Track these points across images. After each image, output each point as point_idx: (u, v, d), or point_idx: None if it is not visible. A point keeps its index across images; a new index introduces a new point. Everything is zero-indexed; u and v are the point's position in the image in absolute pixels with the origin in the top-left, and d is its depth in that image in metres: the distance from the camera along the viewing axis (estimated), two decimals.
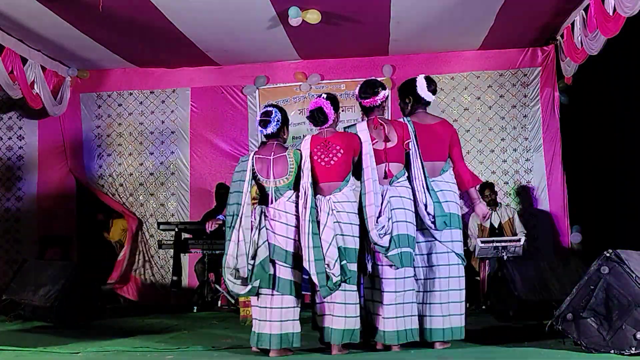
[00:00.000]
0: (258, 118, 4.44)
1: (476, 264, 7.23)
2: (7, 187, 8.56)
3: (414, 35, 7.52)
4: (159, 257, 8.26)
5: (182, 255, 7.56)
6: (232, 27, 7.11)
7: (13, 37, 7.11)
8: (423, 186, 4.28)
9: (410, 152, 4.33)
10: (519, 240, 6.72)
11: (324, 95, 4.39)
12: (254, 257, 4.10)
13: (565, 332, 3.87)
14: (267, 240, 4.15)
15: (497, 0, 6.49)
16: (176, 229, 7.41)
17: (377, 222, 4.11)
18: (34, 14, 6.51)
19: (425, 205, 4.25)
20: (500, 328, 5.11)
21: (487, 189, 7.38)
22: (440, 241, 4.31)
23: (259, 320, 4.13)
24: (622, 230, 6.75)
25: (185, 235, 7.49)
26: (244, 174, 4.25)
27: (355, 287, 4.16)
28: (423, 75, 4.67)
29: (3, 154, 8.61)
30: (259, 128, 4.44)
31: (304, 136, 4.47)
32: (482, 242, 6.72)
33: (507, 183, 8.00)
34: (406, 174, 4.33)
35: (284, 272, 4.13)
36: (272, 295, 4.11)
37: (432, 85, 4.56)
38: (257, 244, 4.12)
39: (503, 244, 6.66)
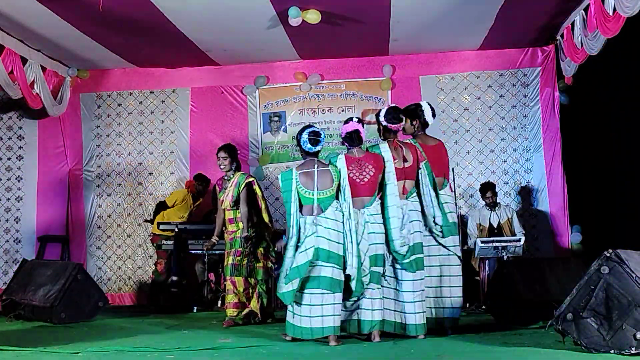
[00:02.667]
0: (307, 136, 4.80)
1: (476, 264, 7.23)
2: (7, 186, 8.57)
3: (414, 35, 7.52)
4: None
5: (182, 255, 7.55)
6: (232, 27, 7.11)
7: (13, 37, 7.11)
8: (432, 201, 4.93)
9: (421, 170, 4.94)
10: (519, 240, 6.72)
11: (356, 119, 4.91)
12: (293, 261, 4.62)
13: (565, 332, 3.87)
14: (315, 246, 4.58)
15: (497, 0, 6.49)
16: (176, 229, 7.41)
17: (400, 233, 4.71)
18: (34, 14, 6.51)
19: (434, 217, 4.92)
20: (500, 328, 5.10)
21: (489, 191, 7.37)
22: (445, 246, 4.98)
23: (310, 317, 4.54)
24: (622, 230, 6.75)
25: (185, 236, 7.49)
26: (289, 194, 4.73)
27: (379, 285, 4.72)
28: (426, 101, 5.31)
29: (3, 154, 8.61)
30: (308, 145, 4.81)
31: (337, 154, 4.92)
32: (482, 242, 6.72)
33: (507, 183, 8.00)
34: (416, 190, 4.94)
35: (338, 274, 4.59)
36: (323, 294, 4.55)
37: (433, 111, 5.26)
38: (300, 250, 4.61)
39: (503, 244, 6.66)
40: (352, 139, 4.85)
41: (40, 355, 4.29)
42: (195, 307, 7.09)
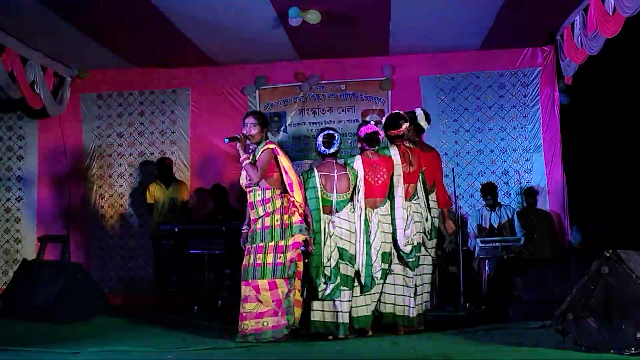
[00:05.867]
0: (322, 139, 4.96)
1: (476, 264, 7.23)
2: (7, 186, 8.57)
3: (414, 35, 7.52)
4: (158, 256, 8.24)
5: (182, 255, 7.54)
6: (232, 27, 7.11)
7: (13, 37, 7.11)
8: (425, 204, 5.25)
9: (419, 175, 5.22)
10: (519, 240, 6.72)
11: (373, 122, 5.21)
12: (329, 260, 4.82)
13: (565, 332, 3.87)
14: (336, 244, 4.86)
15: (497, 0, 6.49)
16: (176, 229, 7.40)
17: (405, 233, 4.98)
18: (34, 14, 6.51)
19: (426, 220, 5.23)
20: (500, 328, 5.10)
21: (490, 194, 7.37)
22: (426, 247, 5.25)
23: (338, 312, 4.81)
24: (622, 230, 6.75)
25: (185, 236, 7.48)
26: (315, 190, 4.89)
27: (382, 282, 5.02)
28: (421, 108, 5.67)
29: (3, 154, 8.61)
30: (322, 148, 4.97)
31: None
32: (482, 242, 6.72)
33: (507, 183, 8.00)
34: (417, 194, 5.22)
35: (350, 271, 4.90)
36: (344, 290, 4.84)
37: (427, 117, 5.58)
38: (332, 249, 4.83)
39: (503, 244, 6.66)
40: (372, 139, 5.04)
41: (40, 355, 4.30)
42: (195, 307, 7.08)
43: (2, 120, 8.64)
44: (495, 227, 7.29)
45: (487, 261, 6.99)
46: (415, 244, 5.05)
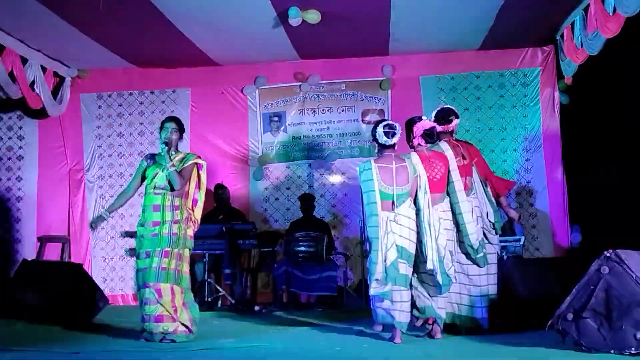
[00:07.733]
0: (383, 129, 4.75)
1: None
2: (7, 186, 8.57)
3: (414, 35, 7.52)
4: None
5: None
6: (232, 27, 7.11)
7: (13, 37, 7.11)
8: (484, 198, 5.09)
9: (474, 168, 5.10)
10: (519, 240, 6.72)
11: (425, 118, 4.97)
12: (385, 260, 4.55)
13: (565, 332, 3.87)
14: (395, 242, 4.58)
15: (497, 0, 6.49)
16: None
17: (475, 228, 4.82)
18: (34, 14, 6.51)
19: (487, 214, 5.07)
20: (501, 328, 5.10)
21: None
22: (491, 243, 5.07)
23: (399, 311, 4.56)
24: (622, 230, 6.75)
25: None
26: (371, 183, 4.67)
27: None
28: (439, 107, 5.38)
29: (3, 154, 8.61)
30: (384, 138, 4.74)
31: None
32: None
33: None
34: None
35: (408, 270, 4.64)
36: (401, 290, 4.58)
37: (437, 114, 5.26)
38: (387, 247, 4.56)
39: (503, 243, 6.66)
40: (432, 135, 4.89)
41: (40, 355, 4.29)
42: None
43: (2, 120, 8.64)
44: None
45: None
46: (480, 239, 4.90)
